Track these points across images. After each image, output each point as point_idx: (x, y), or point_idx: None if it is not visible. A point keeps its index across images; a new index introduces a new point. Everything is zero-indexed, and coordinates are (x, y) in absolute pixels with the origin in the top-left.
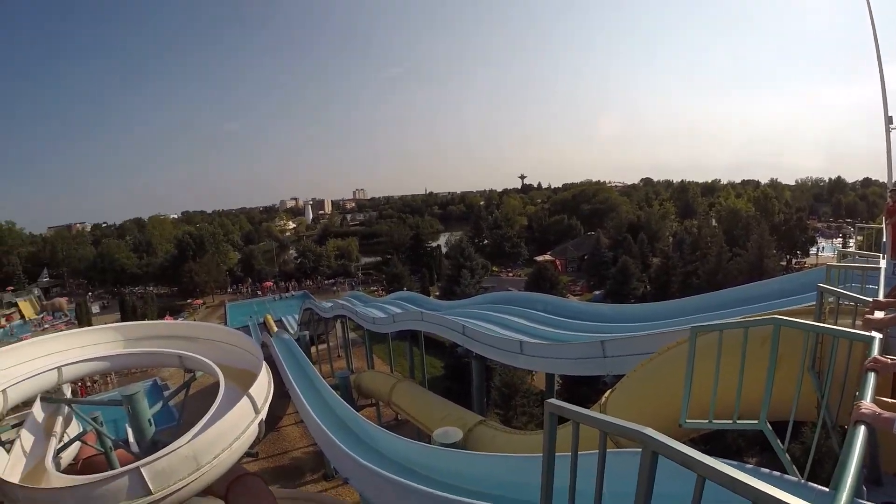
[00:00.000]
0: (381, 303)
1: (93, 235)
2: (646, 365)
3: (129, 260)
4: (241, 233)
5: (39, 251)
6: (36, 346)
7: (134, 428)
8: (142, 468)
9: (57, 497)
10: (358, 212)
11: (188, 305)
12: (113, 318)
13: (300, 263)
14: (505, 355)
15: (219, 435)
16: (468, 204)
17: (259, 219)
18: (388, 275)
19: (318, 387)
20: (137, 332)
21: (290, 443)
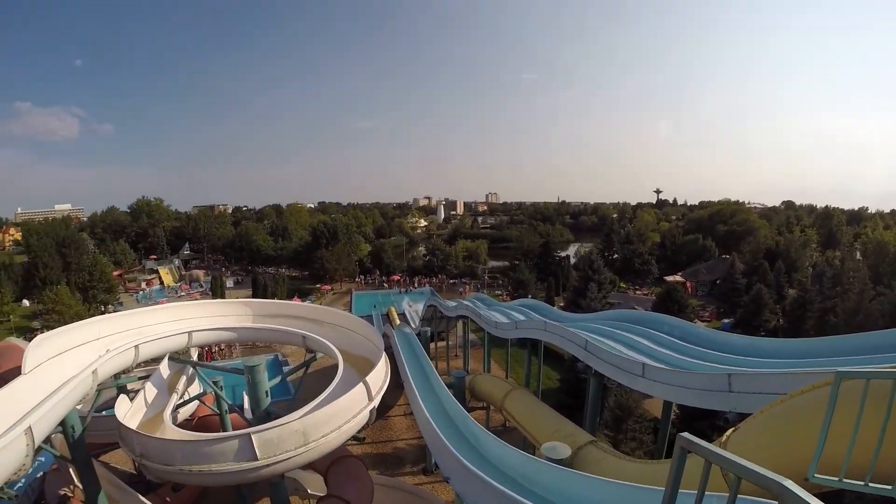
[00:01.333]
0: (504, 308)
1: (233, 217)
2: (775, 407)
3: (266, 242)
4: (374, 226)
5: (183, 226)
6: (171, 310)
7: (251, 396)
8: (252, 435)
9: (169, 447)
10: (489, 215)
11: (316, 290)
12: (244, 294)
13: (428, 261)
14: (625, 376)
15: (330, 415)
16: (600, 216)
17: (392, 214)
18: (514, 280)
19: (432, 383)
20: (266, 309)
21: (396, 433)
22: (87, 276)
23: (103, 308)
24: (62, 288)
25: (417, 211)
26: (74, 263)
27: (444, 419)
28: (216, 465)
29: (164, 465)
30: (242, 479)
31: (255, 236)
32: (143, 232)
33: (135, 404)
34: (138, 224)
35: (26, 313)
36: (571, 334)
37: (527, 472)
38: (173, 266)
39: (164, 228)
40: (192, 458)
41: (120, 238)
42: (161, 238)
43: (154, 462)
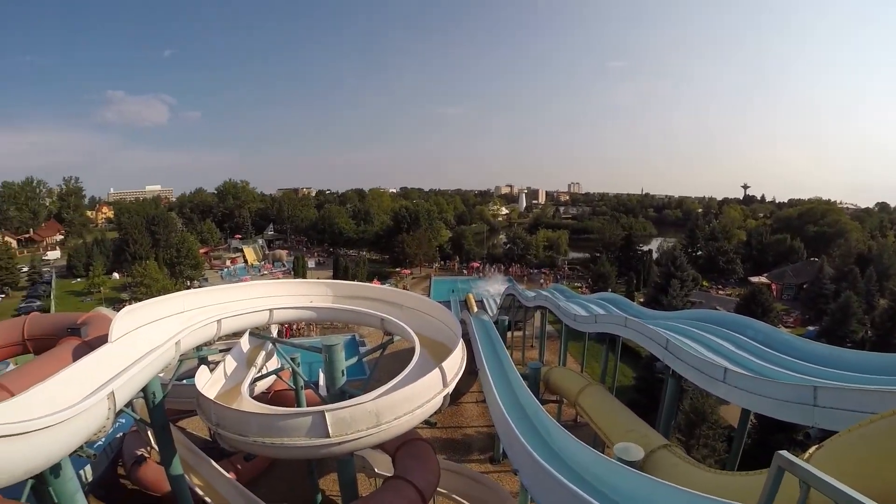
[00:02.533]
0: (584, 300)
1: (317, 200)
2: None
3: (348, 225)
4: (455, 213)
5: (268, 208)
6: (254, 288)
7: (327, 374)
8: (326, 412)
9: (244, 418)
10: (571, 205)
11: (396, 273)
12: (325, 275)
13: (509, 249)
14: (705, 380)
15: (404, 399)
16: (685, 210)
17: (473, 201)
18: (595, 273)
19: (507, 372)
20: (346, 290)
21: (467, 419)
22: (175, 252)
23: (189, 283)
24: (151, 263)
25: (499, 199)
26: (163, 240)
27: (517, 410)
28: (289, 438)
29: (238, 436)
30: (313, 455)
31: (337, 219)
32: (230, 212)
33: (214, 375)
34: (225, 205)
35: (116, 285)
36: (652, 332)
37: (598, 472)
38: (257, 246)
39: (250, 210)
40: (267, 430)
41: (207, 218)
42: (246, 219)
43: (229, 432)
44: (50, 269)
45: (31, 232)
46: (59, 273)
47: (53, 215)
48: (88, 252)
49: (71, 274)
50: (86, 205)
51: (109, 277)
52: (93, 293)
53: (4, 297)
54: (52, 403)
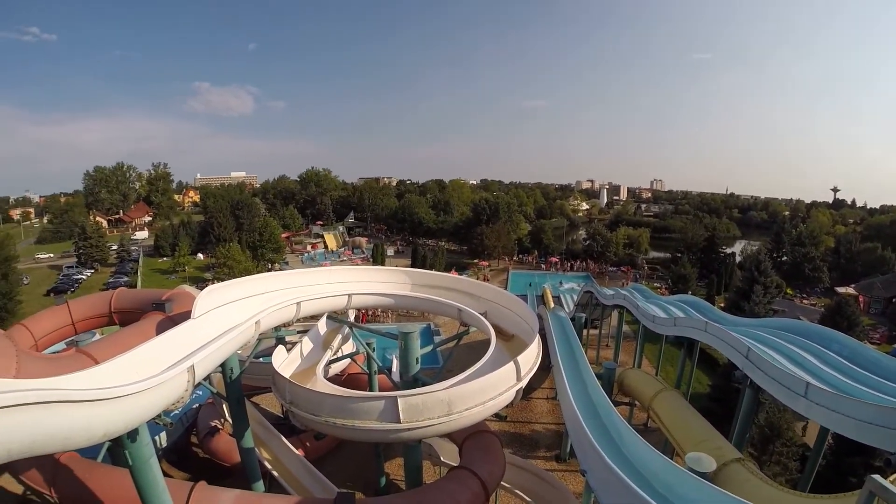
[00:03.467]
0: (663, 302)
1: (397, 189)
2: None
3: (427, 215)
4: (535, 206)
5: (349, 196)
6: (334, 273)
7: (402, 361)
8: (399, 398)
9: (317, 399)
10: (653, 202)
11: (474, 265)
12: (404, 263)
13: (588, 245)
14: (785, 393)
15: (477, 390)
16: (771, 212)
17: (553, 195)
18: (675, 274)
19: (582, 371)
20: (424, 279)
21: (536, 415)
22: (258, 236)
23: (270, 266)
24: (234, 245)
25: (580, 193)
26: (246, 224)
27: (589, 410)
28: (360, 421)
29: (311, 415)
30: (383, 439)
31: (417, 209)
32: (311, 199)
33: (290, 355)
34: (307, 192)
35: (200, 265)
36: (732, 339)
37: (667, 480)
38: (338, 232)
39: (331, 197)
40: (339, 411)
41: (289, 204)
42: (328, 206)
43: (302, 410)
44: (138, 248)
45: (120, 213)
46: (146, 252)
47: (142, 198)
48: (175, 233)
49: (157, 253)
50: (173, 189)
51: (194, 258)
52: (177, 272)
53: (94, 272)
54: (135, 373)
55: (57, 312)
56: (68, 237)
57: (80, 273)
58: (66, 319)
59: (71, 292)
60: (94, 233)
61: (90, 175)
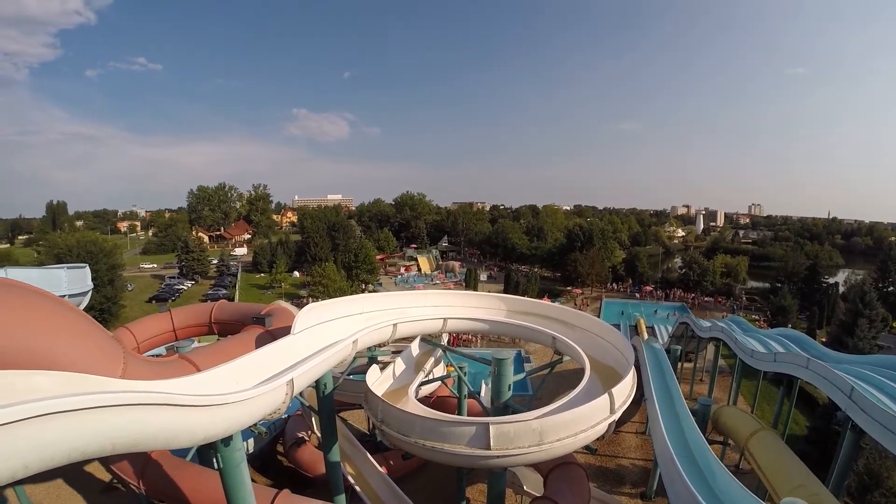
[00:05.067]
0: (762, 335)
1: (490, 214)
2: None
3: (521, 241)
4: (629, 233)
5: (443, 220)
6: (429, 296)
7: (493, 388)
8: (491, 425)
9: (408, 419)
10: (751, 228)
11: (567, 292)
12: (496, 288)
13: (684, 274)
14: (891, 439)
15: (569, 421)
16: (876, 238)
17: (648, 222)
18: (774, 306)
19: (676, 406)
20: (519, 305)
21: (624, 449)
22: (353, 257)
23: (364, 286)
24: (329, 265)
25: (675, 220)
26: (342, 245)
27: (682, 447)
28: (449, 445)
29: (401, 435)
30: (471, 464)
31: (510, 234)
32: (406, 223)
33: (383, 375)
34: (402, 215)
35: (295, 283)
36: (836, 377)
37: None
38: (431, 255)
39: (426, 221)
40: (429, 433)
41: (384, 227)
42: (422, 229)
43: (393, 430)
44: (237, 263)
45: (221, 230)
46: (244, 267)
47: (243, 216)
48: (272, 251)
49: (255, 269)
50: (272, 209)
51: (290, 275)
52: (274, 287)
53: (195, 283)
54: (235, 382)
55: (160, 319)
56: (171, 250)
57: (181, 284)
58: (168, 326)
59: (172, 301)
60: (196, 247)
61: (194, 193)
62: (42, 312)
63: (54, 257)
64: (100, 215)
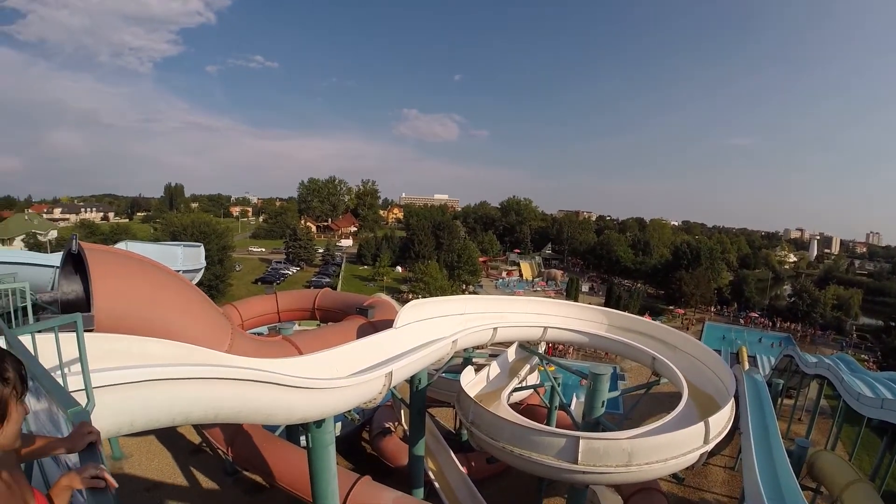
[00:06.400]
0: (871, 378)
1: (596, 225)
2: None
3: (626, 254)
4: (738, 254)
5: (548, 227)
6: (531, 303)
7: (587, 402)
8: (581, 439)
9: (498, 423)
10: (867, 259)
11: (669, 311)
12: (596, 301)
13: (792, 303)
14: None
15: (661, 445)
16: None
17: (759, 244)
18: (887, 346)
19: (772, 445)
20: (621, 321)
21: (709, 483)
22: (456, 257)
23: (464, 287)
24: (432, 263)
25: (787, 243)
26: (446, 245)
27: (774, 490)
28: (537, 454)
29: (489, 438)
30: (555, 476)
31: (615, 247)
32: (511, 227)
33: (477, 377)
34: (507, 219)
35: (397, 277)
36: None
37: None
38: (534, 262)
39: (530, 227)
40: (518, 440)
41: (489, 229)
42: (526, 235)
43: (482, 433)
44: (342, 254)
45: (329, 221)
46: (348, 258)
47: (350, 210)
48: (377, 245)
49: (359, 261)
50: (379, 204)
51: (393, 269)
52: (376, 280)
53: (300, 269)
54: (336, 368)
55: (266, 300)
56: (280, 236)
57: (287, 269)
58: (272, 308)
59: (276, 284)
60: (303, 235)
61: (305, 185)
62: (159, 285)
63: (170, 234)
64: (214, 199)
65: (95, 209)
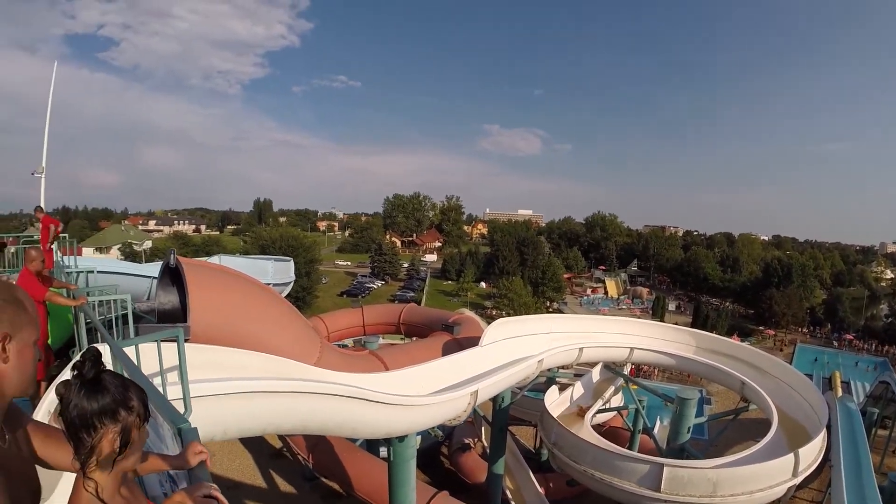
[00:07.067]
0: None
1: (683, 240)
2: None
3: (714, 272)
4: (832, 271)
5: (633, 243)
6: (618, 323)
7: (672, 427)
8: (665, 467)
9: (580, 445)
10: None
11: (758, 332)
12: (683, 320)
13: (890, 323)
14: None
15: (747, 476)
16: None
17: (853, 259)
18: None
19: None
20: (709, 343)
21: None
22: (540, 273)
23: (548, 304)
24: (517, 279)
25: (883, 258)
26: (530, 261)
27: None
28: (618, 480)
29: (571, 460)
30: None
31: (704, 264)
32: (596, 243)
33: (561, 397)
34: (591, 235)
35: (481, 293)
36: None
37: None
38: (619, 279)
39: (616, 243)
40: (600, 464)
41: (573, 246)
42: (612, 251)
43: (564, 454)
44: (426, 268)
45: (414, 236)
46: (433, 273)
47: (434, 225)
48: (461, 260)
49: (443, 276)
50: (463, 220)
51: (476, 285)
52: (460, 296)
53: (384, 283)
54: (421, 385)
55: (352, 314)
56: (365, 250)
57: (372, 282)
58: (358, 321)
59: (361, 297)
60: (388, 250)
61: (390, 200)
62: (251, 298)
63: (259, 247)
64: (301, 213)
65: (188, 221)
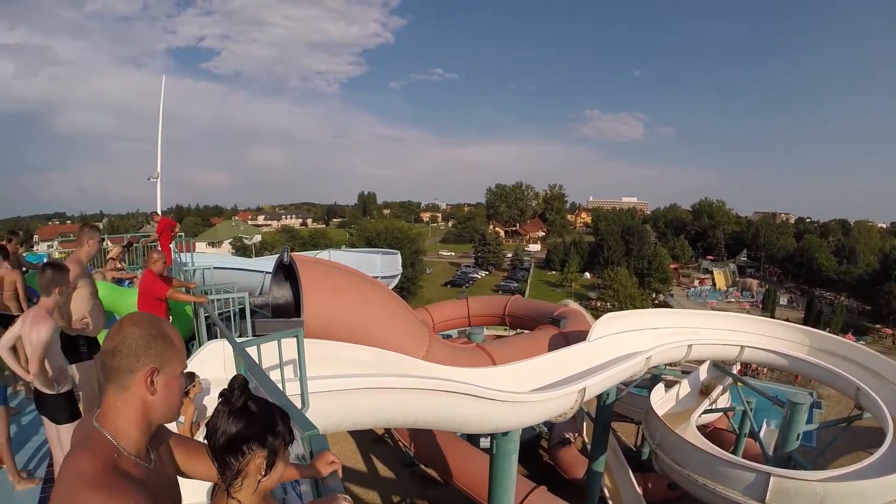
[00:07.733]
0: None
1: (795, 228)
2: None
3: (829, 262)
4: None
5: (743, 232)
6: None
7: (781, 433)
8: (773, 476)
9: (684, 448)
10: None
11: (875, 331)
12: (794, 315)
13: None
14: None
15: (858, 492)
16: None
17: None
18: None
19: None
20: (825, 343)
21: None
22: (646, 264)
23: (654, 295)
24: (622, 270)
25: None
26: (636, 251)
27: None
28: (722, 487)
29: (675, 463)
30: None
31: (817, 254)
32: (703, 232)
33: (667, 395)
34: (699, 223)
35: (585, 284)
36: None
37: None
38: (728, 270)
39: (724, 231)
40: (704, 469)
41: (680, 234)
42: (720, 240)
43: (667, 456)
44: (530, 259)
45: (517, 226)
46: (536, 263)
47: (538, 215)
48: (566, 250)
49: (547, 266)
50: (567, 209)
51: (581, 275)
52: (564, 286)
53: (488, 273)
54: (528, 380)
55: (457, 305)
56: (469, 241)
57: (476, 272)
58: (463, 312)
59: (465, 287)
60: (492, 240)
61: (492, 190)
62: (362, 293)
63: (365, 239)
64: (405, 205)
65: (295, 216)
